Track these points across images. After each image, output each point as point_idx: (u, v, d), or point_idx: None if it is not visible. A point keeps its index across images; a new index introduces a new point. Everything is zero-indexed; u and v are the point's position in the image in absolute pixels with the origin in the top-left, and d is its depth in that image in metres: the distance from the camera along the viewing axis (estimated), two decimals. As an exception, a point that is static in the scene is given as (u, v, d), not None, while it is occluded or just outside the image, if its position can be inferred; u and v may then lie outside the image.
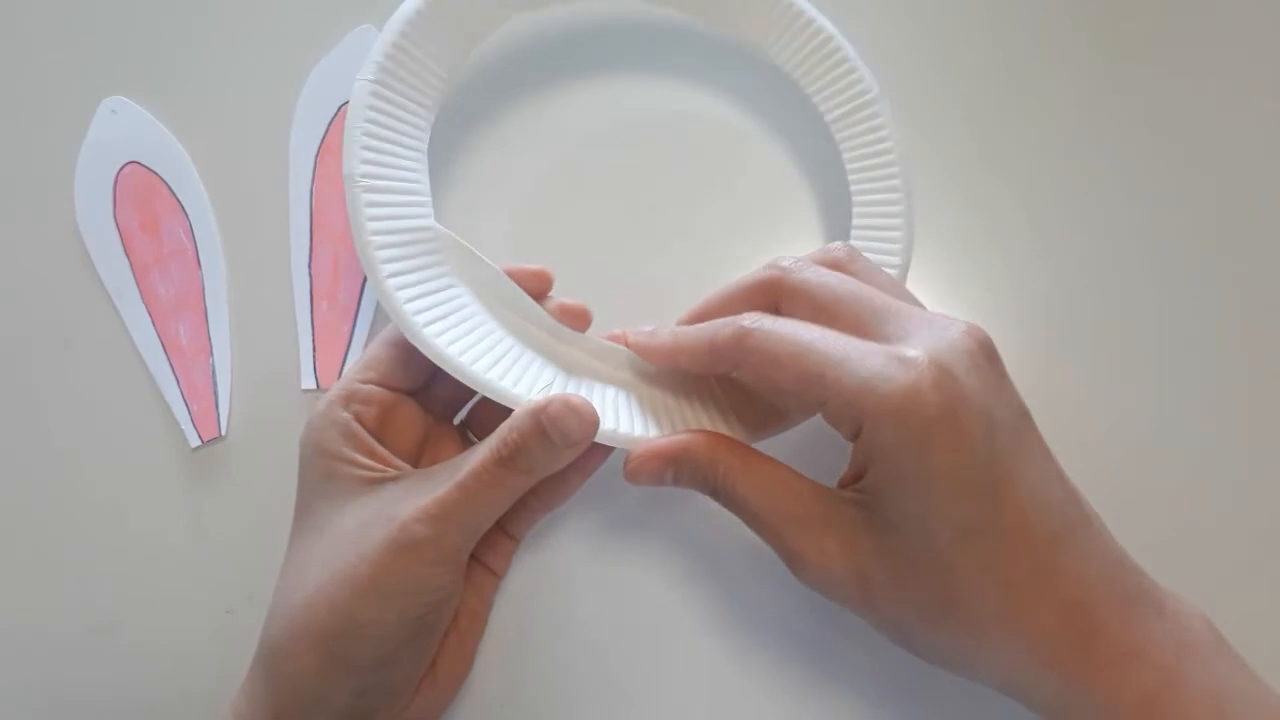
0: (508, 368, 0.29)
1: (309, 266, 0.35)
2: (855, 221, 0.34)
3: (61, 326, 0.35)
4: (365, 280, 0.35)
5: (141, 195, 0.36)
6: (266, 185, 0.36)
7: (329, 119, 0.37)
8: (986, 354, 0.25)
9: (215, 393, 0.33)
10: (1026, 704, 0.24)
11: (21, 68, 0.38)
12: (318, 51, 0.38)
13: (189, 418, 0.33)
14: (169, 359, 0.34)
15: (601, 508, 0.32)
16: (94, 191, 0.36)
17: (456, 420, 0.32)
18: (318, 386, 0.34)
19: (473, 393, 0.29)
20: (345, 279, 0.35)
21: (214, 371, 0.34)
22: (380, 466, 0.28)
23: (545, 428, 0.26)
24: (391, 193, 0.30)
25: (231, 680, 0.27)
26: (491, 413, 0.30)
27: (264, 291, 0.35)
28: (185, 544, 0.32)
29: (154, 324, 0.34)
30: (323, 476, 0.27)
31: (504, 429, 0.27)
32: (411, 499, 0.26)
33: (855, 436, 0.24)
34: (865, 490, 0.24)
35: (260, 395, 0.34)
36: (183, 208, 0.36)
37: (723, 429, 0.29)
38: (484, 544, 0.29)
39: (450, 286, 0.30)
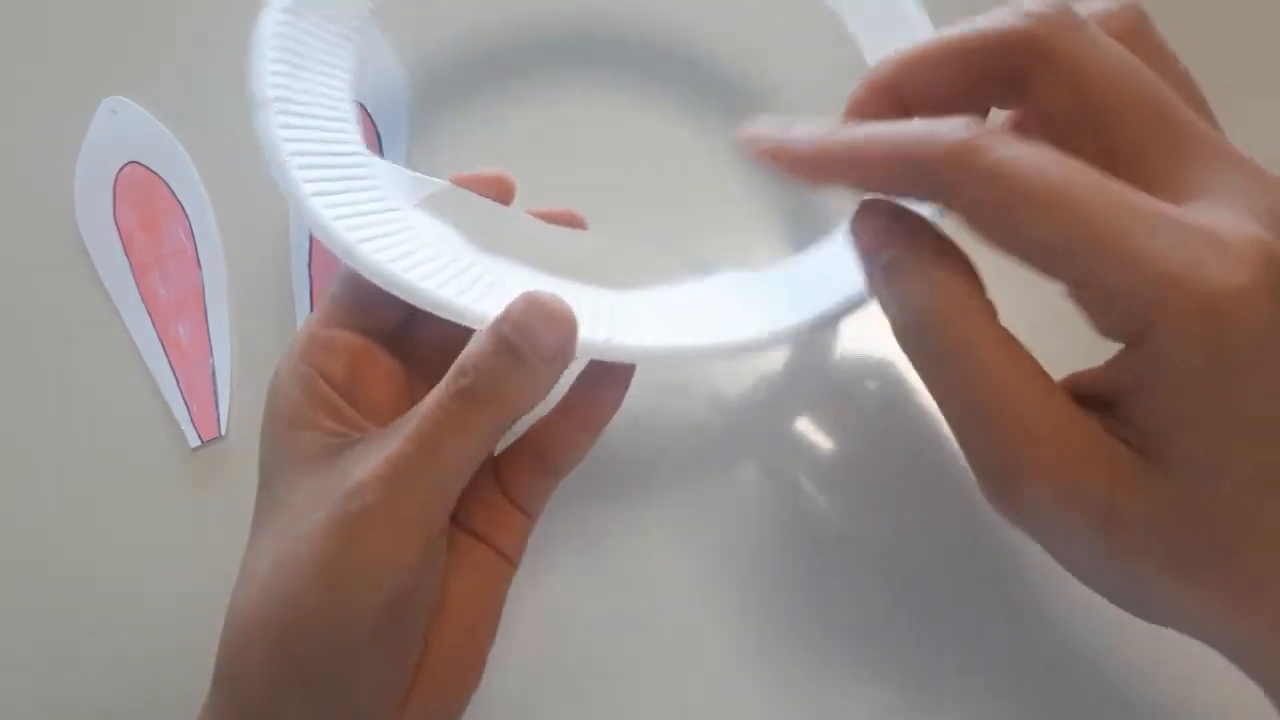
0: (472, 282, 0.24)
1: (309, 267, 0.35)
2: None
3: (61, 326, 0.34)
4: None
5: (141, 195, 0.36)
6: (266, 185, 0.36)
7: (329, 119, 0.37)
8: None
9: (215, 393, 0.33)
10: (1269, 676, 0.19)
11: (21, 67, 0.39)
12: (318, 51, 0.38)
13: (189, 418, 0.33)
14: (169, 359, 0.34)
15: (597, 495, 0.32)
16: (94, 191, 0.36)
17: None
18: (318, 386, 0.33)
19: (464, 337, 0.24)
20: (345, 279, 0.35)
21: (214, 371, 0.34)
22: (344, 430, 0.23)
23: (509, 339, 0.21)
24: (312, 117, 0.26)
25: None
26: None
27: (264, 291, 0.35)
28: (185, 544, 0.32)
29: (154, 324, 0.34)
30: (278, 448, 0.23)
31: (461, 354, 0.21)
32: (365, 462, 0.21)
33: (1131, 340, 0.18)
34: (1136, 420, 0.18)
35: (260, 395, 0.33)
36: (183, 208, 0.36)
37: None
38: (488, 520, 0.24)
39: (391, 210, 0.25)
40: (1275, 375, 0.17)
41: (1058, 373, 0.20)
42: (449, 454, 0.21)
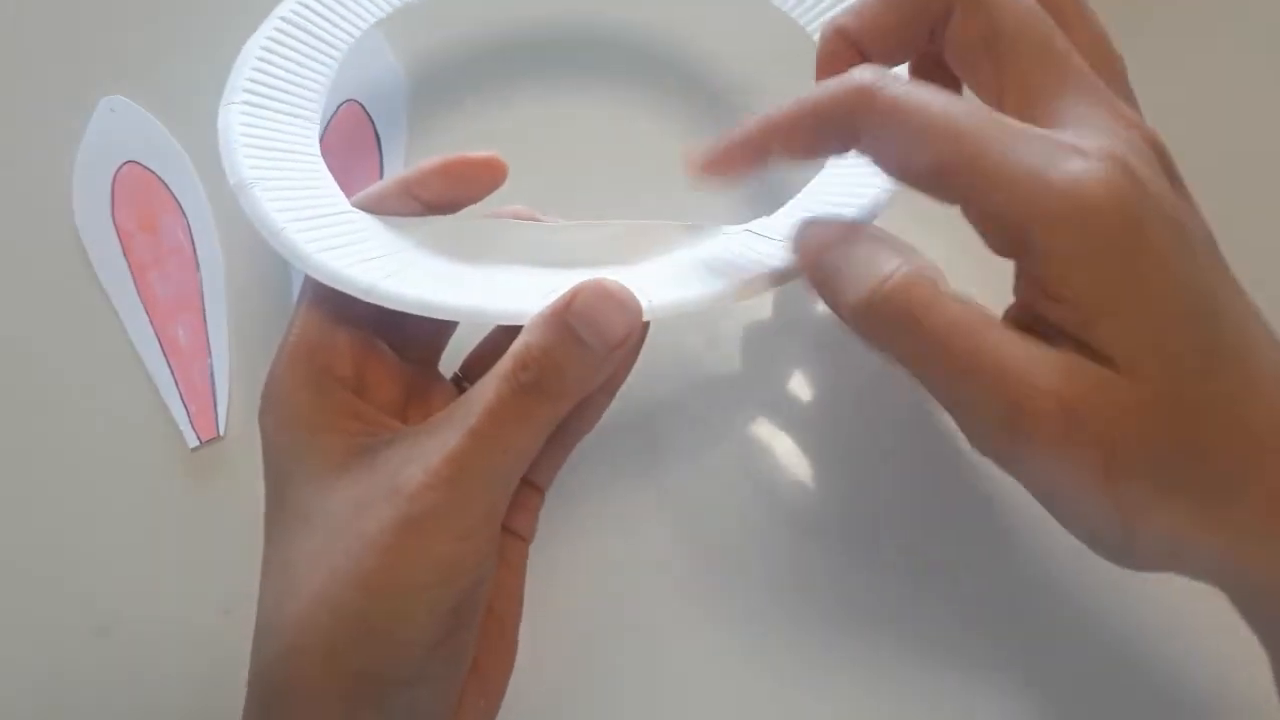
0: (492, 285, 0.24)
1: (307, 266, 0.35)
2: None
3: (59, 326, 0.34)
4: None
5: (140, 195, 0.36)
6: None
7: (328, 119, 0.37)
8: (1165, 160, 0.20)
9: (214, 393, 0.33)
10: (1248, 592, 0.20)
11: (20, 66, 0.38)
12: (316, 50, 0.38)
13: (187, 418, 0.33)
14: (167, 359, 0.34)
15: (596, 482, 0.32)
16: (92, 191, 0.36)
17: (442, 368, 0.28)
18: (316, 387, 0.33)
19: (453, 328, 0.25)
20: (344, 279, 0.35)
21: (212, 372, 0.34)
22: (369, 429, 0.22)
23: (575, 330, 0.20)
24: (293, 189, 0.27)
25: (231, 680, 0.27)
26: (496, 353, 0.23)
27: (263, 291, 0.35)
28: (184, 544, 0.32)
29: (152, 324, 0.34)
30: (297, 454, 0.22)
31: (518, 346, 0.21)
32: (416, 461, 0.20)
33: (1014, 248, 0.19)
34: (1061, 324, 0.19)
35: (259, 396, 0.34)
36: (181, 208, 0.36)
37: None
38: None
39: (394, 253, 0.26)
40: (1152, 256, 0.18)
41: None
42: (512, 449, 0.21)
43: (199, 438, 0.33)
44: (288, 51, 0.31)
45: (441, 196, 0.27)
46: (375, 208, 0.27)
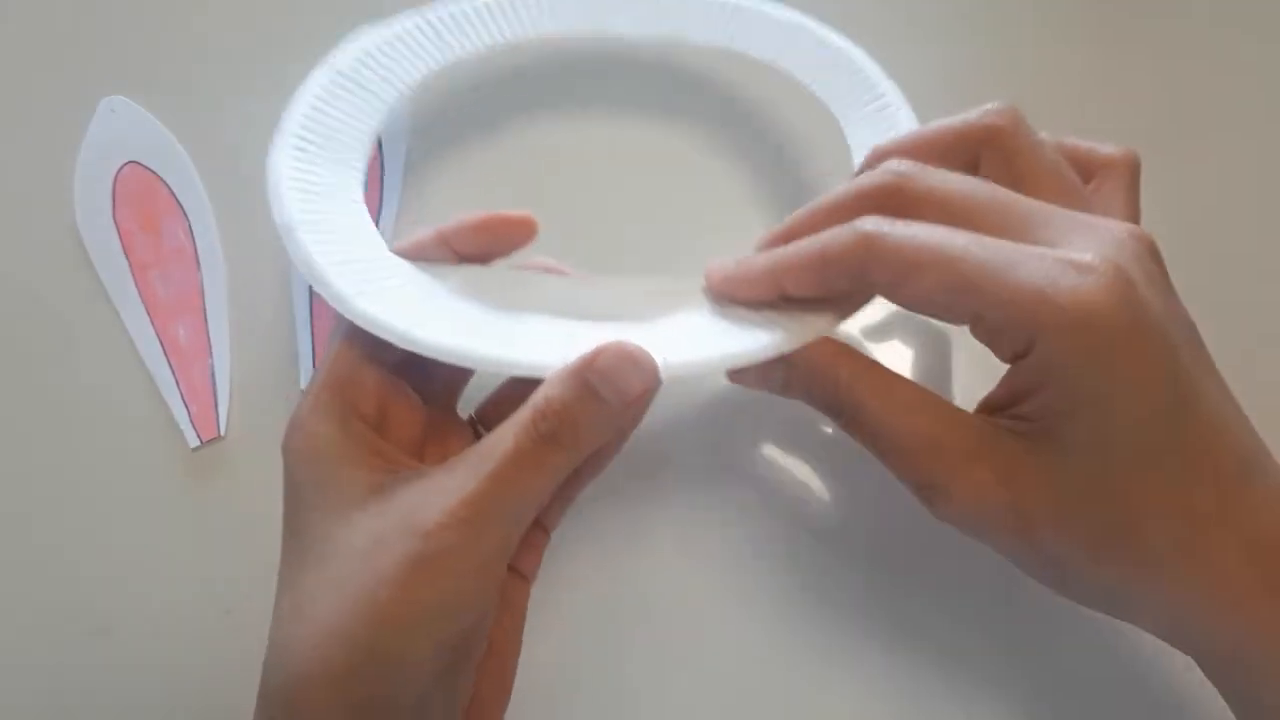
0: (519, 335, 0.26)
1: (308, 266, 0.35)
2: None
3: (60, 327, 0.34)
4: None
5: (141, 195, 0.36)
6: (266, 185, 0.36)
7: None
8: (1157, 261, 0.22)
9: (214, 393, 0.33)
10: (1193, 651, 0.22)
11: (20, 66, 0.39)
12: (318, 50, 0.38)
13: (188, 418, 0.33)
14: (168, 359, 0.34)
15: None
16: (93, 191, 0.36)
17: (461, 408, 0.29)
18: (317, 387, 0.33)
19: (471, 373, 0.26)
20: (345, 279, 0.35)
21: (213, 372, 0.34)
22: (389, 467, 0.23)
23: (596, 387, 0.22)
24: (335, 232, 0.29)
25: (230, 680, 0.27)
26: (512, 400, 0.25)
27: (263, 291, 0.35)
28: (185, 544, 0.32)
29: (153, 324, 0.34)
30: (320, 485, 0.23)
31: (538, 398, 0.22)
32: (434, 501, 0.21)
33: (1020, 355, 0.21)
34: (1031, 415, 0.22)
35: (259, 396, 0.34)
36: (182, 208, 0.36)
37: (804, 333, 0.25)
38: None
39: (430, 299, 0.27)
40: (1136, 362, 0.20)
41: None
42: (526, 496, 0.22)
43: (199, 438, 0.33)
44: (339, 101, 0.32)
45: (475, 249, 0.28)
46: (412, 255, 0.28)
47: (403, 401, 0.26)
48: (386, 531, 0.21)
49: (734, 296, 0.25)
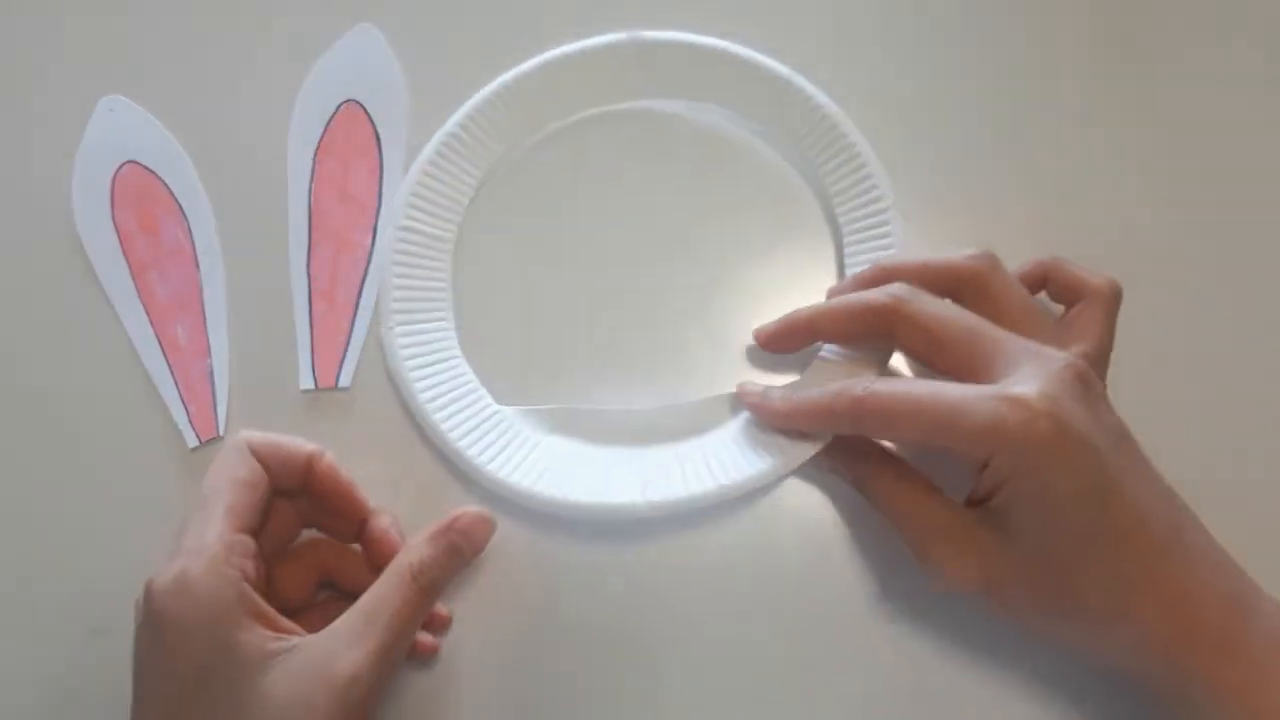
0: (607, 476, 0.32)
1: (307, 267, 0.35)
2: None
3: (59, 327, 0.35)
4: (364, 280, 0.35)
5: (139, 195, 0.36)
6: (265, 185, 0.36)
7: (327, 119, 0.37)
8: (1086, 385, 0.27)
9: (213, 393, 0.33)
10: (1139, 687, 0.27)
11: (19, 66, 0.38)
12: (316, 50, 0.38)
13: (187, 418, 0.33)
14: (167, 359, 0.34)
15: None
16: (92, 191, 0.36)
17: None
18: (316, 387, 0.34)
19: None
20: (343, 279, 0.35)
21: (212, 372, 0.34)
22: (278, 634, 0.26)
23: (459, 545, 0.28)
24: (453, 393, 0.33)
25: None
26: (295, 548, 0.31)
27: (262, 292, 0.35)
28: (184, 544, 0.32)
29: (152, 324, 0.34)
30: (222, 647, 0.25)
31: (411, 557, 0.28)
32: (342, 653, 0.26)
33: (983, 467, 0.27)
34: (996, 510, 0.27)
35: (258, 396, 0.34)
36: (181, 208, 0.36)
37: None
38: None
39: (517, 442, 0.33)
40: (1065, 469, 0.26)
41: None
42: (411, 634, 0.28)
43: (198, 438, 0.33)
44: (416, 266, 0.35)
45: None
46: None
47: (286, 566, 0.30)
48: (307, 684, 0.25)
49: (779, 346, 0.33)
